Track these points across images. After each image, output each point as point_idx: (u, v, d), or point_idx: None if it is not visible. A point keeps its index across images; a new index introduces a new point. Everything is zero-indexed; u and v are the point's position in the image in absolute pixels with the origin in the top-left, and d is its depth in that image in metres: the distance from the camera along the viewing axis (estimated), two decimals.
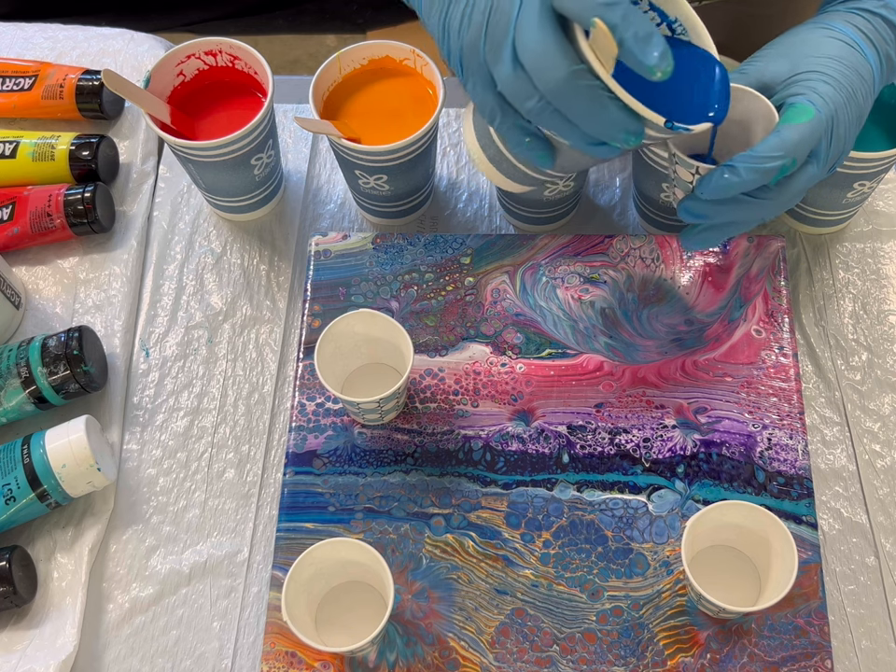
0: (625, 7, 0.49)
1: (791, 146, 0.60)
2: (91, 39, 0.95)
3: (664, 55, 0.49)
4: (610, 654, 0.66)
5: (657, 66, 0.49)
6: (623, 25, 0.49)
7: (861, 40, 0.64)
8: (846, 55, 0.63)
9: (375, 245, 0.81)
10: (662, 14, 0.56)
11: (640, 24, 0.49)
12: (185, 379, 0.79)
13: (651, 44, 0.49)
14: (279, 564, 0.69)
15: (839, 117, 0.62)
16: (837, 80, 0.62)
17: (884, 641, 0.68)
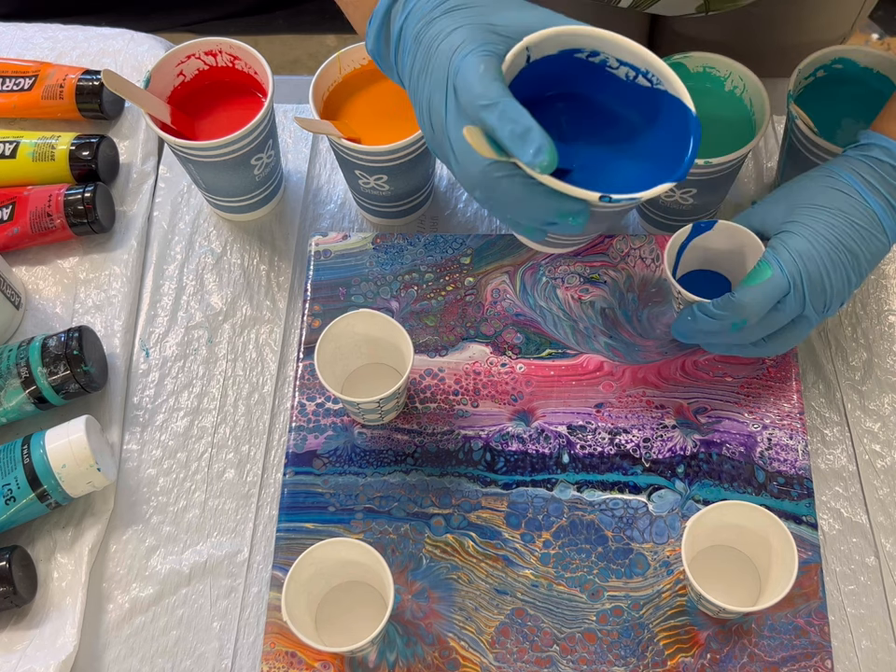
0: (502, 106, 0.49)
1: (738, 308, 0.65)
2: (91, 39, 0.95)
3: (538, 151, 0.48)
4: (610, 654, 0.66)
5: (532, 164, 0.49)
6: (499, 125, 0.49)
7: (862, 187, 0.65)
8: (839, 204, 0.65)
9: (375, 245, 0.81)
10: (634, 67, 0.55)
11: (517, 121, 0.49)
12: (185, 379, 0.79)
13: (527, 141, 0.49)
14: (279, 564, 0.69)
15: (814, 268, 0.64)
16: (817, 231, 0.64)
17: (884, 641, 0.68)
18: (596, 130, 0.57)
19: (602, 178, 0.56)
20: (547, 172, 0.49)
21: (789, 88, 0.74)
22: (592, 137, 0.55)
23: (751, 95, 0.75)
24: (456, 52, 0.52)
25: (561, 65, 0.54)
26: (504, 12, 0.54)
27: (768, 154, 0.86)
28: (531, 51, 0.53)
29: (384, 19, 0.57)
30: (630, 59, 0.54)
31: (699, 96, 0.77)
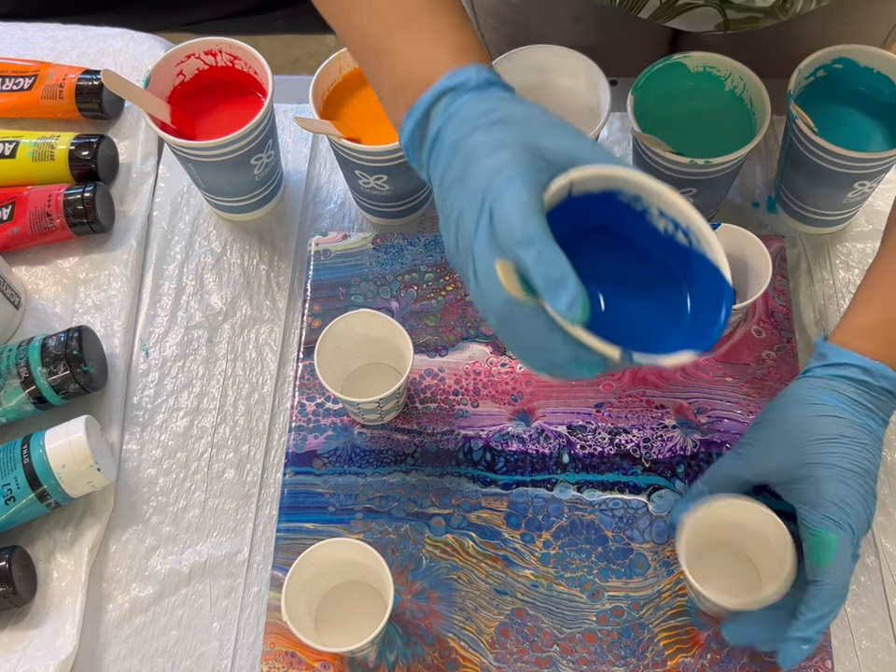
0: (539, 248, 0.46)
1: (838, 589, 0.60)
2: (91, 39, 0.95)
3: (573, 303, 0.45)
4: (611, 654, 0.66)
5: (565, 314, 0.46)
6: (535, 267, 0.46)
7: (852, 407, 0.63)
8: (841, 430, 0.62)
9: (375, 245, 0.81)
10: (674, 222, 0.52)
11: (553, 266, 0.46)
12: (185, 379, 0.79)
13: (562, 289, 0.45)
14: (279, 564, 0.69)
15: (858, 506, 0.61)
16: (841, 467, 0.61)
17: (884, 641, 0.68)
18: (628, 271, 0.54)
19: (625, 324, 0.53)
20: (576, 323, 0.46)
21: (789, 88, 0.74)
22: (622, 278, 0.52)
23: (751, 95, 0.75)
24: (499, 174, 0.49)
25: (602, 203, 0.51)
26: (551, 135, 0.51)
27: (768, 154, 0.86)
28: (574, 186, 0.51)
29: (423, 116, 0.54)
30: (672, 212, 0.52)
31: (699, 96, 0.77)
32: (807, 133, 0.72)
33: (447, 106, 0.53)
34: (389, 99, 0.57)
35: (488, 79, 0.53)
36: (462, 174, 0.51)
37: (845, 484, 0.61)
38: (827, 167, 0.73)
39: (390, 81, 0.56)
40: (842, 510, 0.61)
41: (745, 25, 0.77)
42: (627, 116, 0.74)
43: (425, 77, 0.54)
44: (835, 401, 0.63)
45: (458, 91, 0.53)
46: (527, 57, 0.76)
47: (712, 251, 0.51)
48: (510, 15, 0.95)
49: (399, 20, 0.55)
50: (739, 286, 0.76)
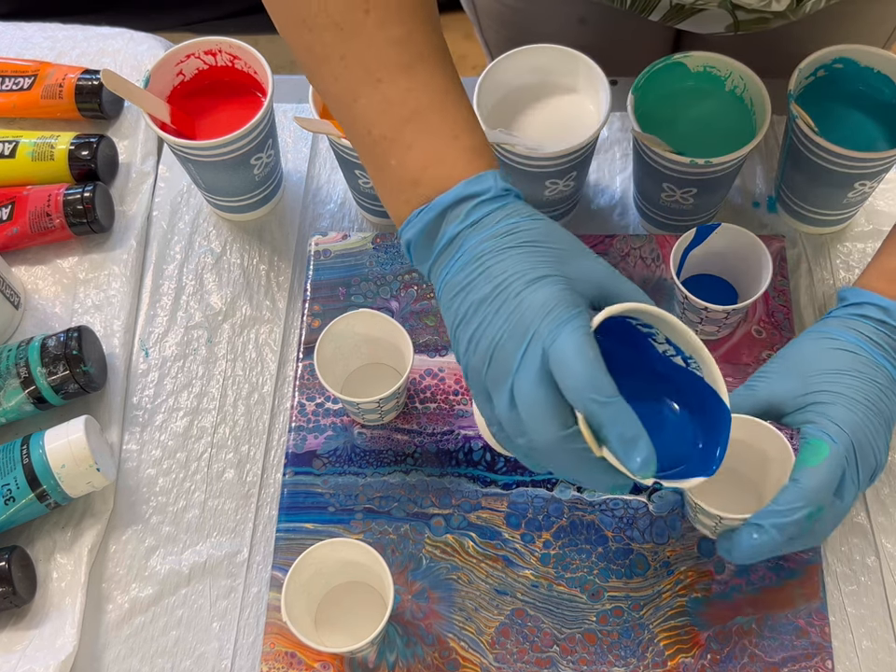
0: (616, 408, 0.49)
1: (812, 493, 0.58)
2: (91, 39, 0.95)
3: (646, 463, 0.49)
4: (611, 655, 0.66)
5: (637, 472, 0.49)
6: (610, 427, 0.49)
7: (868, 346, 0.62)
8: (854, 365, 0.61)
9: (375, 245, 0.80)
10: (677, 349, 0.55)
11: (627, 425, 0.49)
12: (184, 379, 0.79)
13: (636, 448, 0.49)
14: (279, 564, 0.69)
15: (860, 436, 0.59)
16: (849, 397, 0.60)
17: (885, 641, 0.68)
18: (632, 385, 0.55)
19: None
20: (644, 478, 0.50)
21: (789, 87, 0.74)
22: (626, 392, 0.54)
23: (751, 95, 0.75)
24: (550, 315, 0.50)
25: (610, 321, 0.53)
26: (575, 262, 0.53)
27: (768, 154, 0.86)
28: None
29: (437, 216, 0.55)
30: (678, 342, 0.55)
31: (699, 96, 0.77)
32: (807, 132, 0.72)
33: (468, 213, 0.54)
34: (394, 191, 0.57)
35: (504, 188, 0.55)
36: (492, 295, 0.52)
37: (851, 412, 0.59)
38: (827, 167, 0.73)
39: (398, 174, 0.56)
40: (842, 430, 0.59)
41: (755, 26, 0.77)
42: (627, 116, 0.74)
43: (441, 177, 0.55)
44: (852, 338, 0.62)
45: (480, 198, 0.54)
46: (527, 57, 0.76)
47: (712, 377, 0.55)
48: (512, 18, 0.95)
49: (412, 113, 0.55)
50: (739, 286, 0.76)
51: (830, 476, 0.58)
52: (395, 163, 0.56)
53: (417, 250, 0.56)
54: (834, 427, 0.59)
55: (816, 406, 0.61)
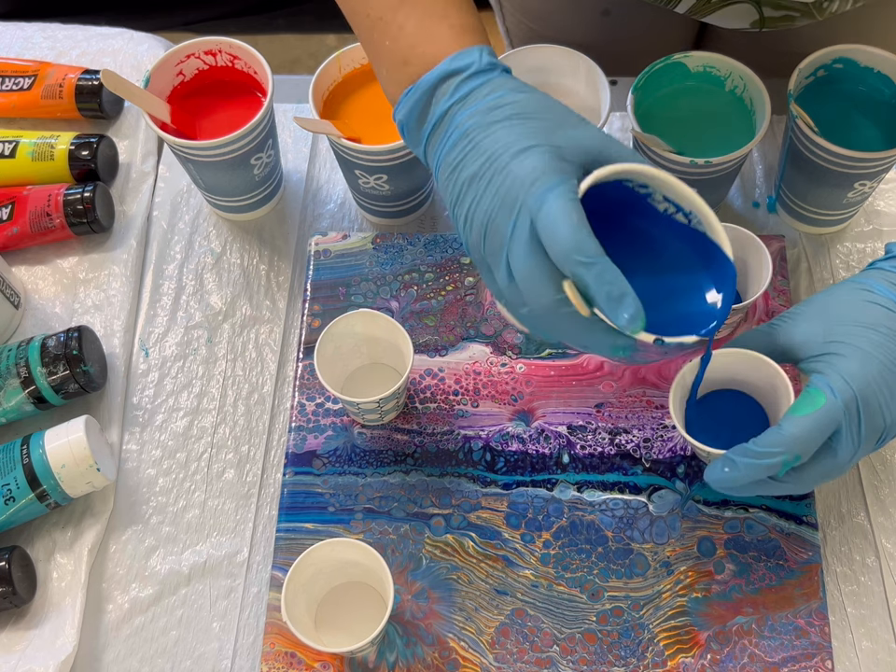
0: (600, 268, 0.49)
1: (790, 441, 0.57)
2: (91, 39, 0.95)
3: (634, 318, 0.49)
4: (610, 655, 0.66)
5: (625, 328, 0.50)
6: (596, 286, 0.50)
7: None
8: (884, 321, 0.58)
9: (375, 245, 0.80)
10: (677, 206, 0.55)
11: (614, 284, 0.49)
12: (184, 379, 0.79)
13: (623, 305, 0.49)
14: (279, 564, 0.69)
15: (869, 394, 0.57)
16: (868, 352, 0.58)
17: (884, 641, 0.68)
18: (635, 254, 0.56)
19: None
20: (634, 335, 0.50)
21: (789, 88, 0.74)
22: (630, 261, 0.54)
23: (751, 95, 0.75)
24: (536, 184, 0.51)
25: (607, 188, 0.54)
26: (565, 131, 0.53)
27: (768, 154, 0.86)
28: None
29: (425, 94, 0.55)
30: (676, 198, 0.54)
31: (699, 96, 0.77)
32: (807, 132, 0.72)
33: (455, 89, 0.55)
34: (388, 72, 0.58)
35: (490, 63, 0.55)
36: (483, 170, 0.53)
37: (864, 368, 0.57)
38: (827, 167, 0.73)
39: (391, 55, 0.57)
40: (847, 386, 0.57)
41: (781, 23, 0.77)
42: (627, 116, 0.74)
43: (428, 55, 0.56)
44: (889, 293, 0.60)
45: (465, 73, 0.55)
46: (528, 57, 0.76)
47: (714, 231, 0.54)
48: (536, 9, 0.95)
49: None
50: (740, 285, 0.76)
51: (816, 428, 0.57)
52: (389, 44, 0.57)
53: (410, 132, 0.57)
54: (841, 381, 0.57)
55: (830, 357, 0.59)
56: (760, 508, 0.70)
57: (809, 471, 0.59)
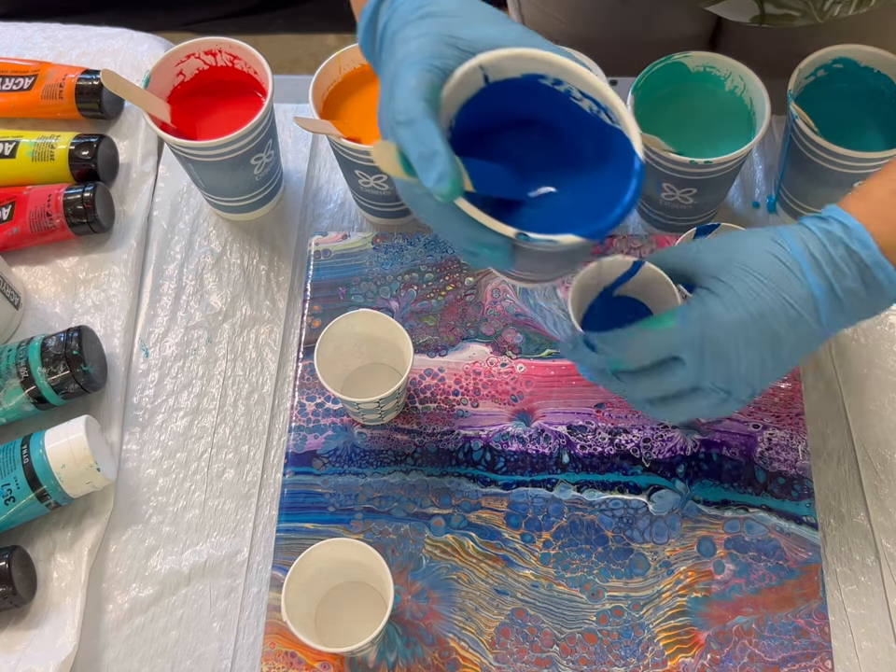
0: (416, 127, 0.48)
1: (617, 347, 0.58)
2: (91, 39, 0.95)
3: (440, 178, 0.47)
4: (610, 655, 0.66)
5: (433, 190, 0.47)
6: (410, 145, 0.48)
7: (808, 264, 0.56)
8: (773, 275, 0.56)
9: (375, 245, 0.81)
10: (596, 102, 0.52)
11: (426, 144, 0.48)
12: (184, 379, 0.79)
13: (431, 165, 0.47)
14: (279, 564, 0.69)
15: (718, 335, 0.56)
16: (739, 298, 0.56)
17: (884, 641, 0.68)
18: (560, 161, 0.55)
19: (558, 215, 0.54)
20: (447, 200, 0.48)
21: (789, 88, 0.74)
22: (554, 169, 0.53)
23: (751, 95, 0.75)
24: (403, 63, 0.51)
25: (526, 90, 0.52)
26: (474, 26, 0.52)
27: (768, 154, 0.86)
28: (488, 71, 0.51)
29: (373, 14, 0.56)
30: (590, 92, 0.52)
31: (699, 96, 0.77)
32: (807, 132, 0.72)
33: (391, 4, 0.55)
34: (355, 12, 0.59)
35: None
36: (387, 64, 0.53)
37: (725, 311, 0.56)
38: (827, 167, 0.73)
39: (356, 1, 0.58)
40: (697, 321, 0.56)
41: (781, 21, 0.77)
42: None
43: None
44: (795, 249, 0.57)
45: None
46: None
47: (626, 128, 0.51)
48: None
49: None
50: None
51: (646, 345, 0.57)
52: None
53: (371, 57, 0.58)
54: (697, 315, 0.56)
55: (706, 292, 0.58)
56: (760, 508, 0.70)
57: (640, 381, 0.59)
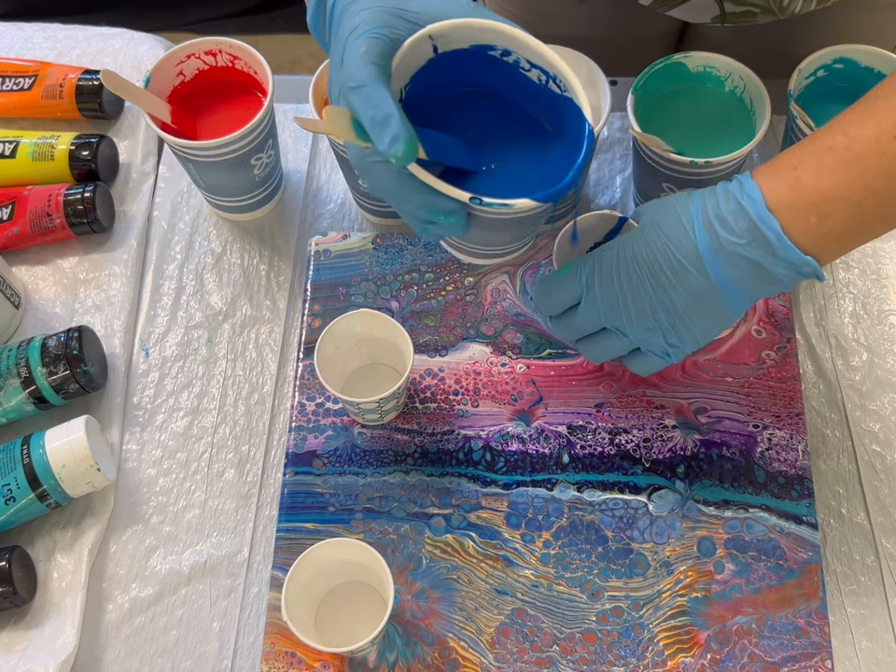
0: (367, 91, 0.48)
1: (538, 294, 0.66)
2: (91, 39, 0.95)
3: (394, 140, 0.47)
4: (610, 654, 0.66)
5: (387, 153, 0.48)
6: (362, 109, 0.48)
7: (699, 220, 0.58)
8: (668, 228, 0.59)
9: (375, 245, 0.81)
10: (544, 71, 0.53)
11: (379, 107, 0.48)
12: (185, 379, 0.79)
13: (385, 128, 0.47)
14: (279, 564, 0.69)
15: (607, 279, 0.61)
16: (629, 245, 0.60)
17: (884, 641, 0.68)
18: (511, 131, 0.55)
19: (511, 183, 0.54)
20: (402, 163, 0.48)
21: (789, 88, 0.74)
22: (507, 140, 0.53)
23: (751, 95, 0.75)
24: (352, 33, 0.51)
25: (475, 61, 0.52)
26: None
27: (768, 154, 0.86)
28: (437, 41, 0.52)
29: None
30: (539, 62, 0.52)
31: (699, 96, 0.77)
32: (807, 132, 0.72)
33: None
34: None
35: None
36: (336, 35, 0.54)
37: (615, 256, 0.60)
38: None
39: None
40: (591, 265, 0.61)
41: (742, 19, 0.78)
42: (627, 116, 0.74)
43: None
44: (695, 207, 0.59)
45: None
46: None
47: (576, 96, 0.52)
48: None
49: None
50: None
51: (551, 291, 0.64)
52: None
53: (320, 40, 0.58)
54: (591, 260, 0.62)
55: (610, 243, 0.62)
56: (760, 508, 0.70)
57: (558, 322, 0.66)
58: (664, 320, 0.61)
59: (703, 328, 0.61)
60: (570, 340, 0.67)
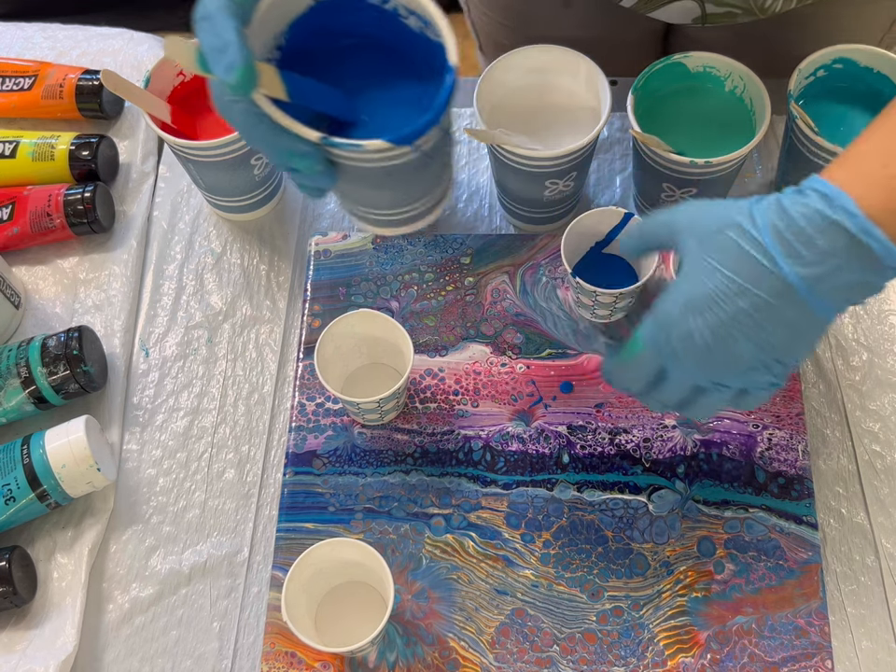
0: (211, 21, 0.48)
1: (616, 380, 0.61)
2: (91, 39, 0.95)
3: (229, 67, 0.47)
4: (610, 654, 0.66)
5: (223, 77, 0.47)
6: (204, 38, 0.48)
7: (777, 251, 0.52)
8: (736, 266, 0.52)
9: (375, 245, 0.81)
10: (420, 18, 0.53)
11: (219, 36, 0.48)
12: (185, 379, 0.79)
13: (222, 55, 0.47)
14: (279, 564, 0.69)
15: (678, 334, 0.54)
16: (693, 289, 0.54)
17: (884, 641, 0.68)
18: (392, 81, 0.55)
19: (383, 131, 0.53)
20: (238, 92, 0.48)
21: (789, 88, 0.74)
22: (386, 89, 0.54)
23: (751, 95, 0.75)
24: None
25: (355, 10, 0.52)
26: None
27: (768, 154, 0.86)
28: None
29: None
30: (414, 7, 0.52)
31: (699, 96, 0.77)
32: (807, 132, 0.72)
33: None
34: None
35: None
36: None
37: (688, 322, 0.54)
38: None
39: None
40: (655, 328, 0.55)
41: (722, 20, 0.78)
42: (627, 116, 0.74)
43: None
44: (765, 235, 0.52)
45: None
46: (528, 57, 0.76)
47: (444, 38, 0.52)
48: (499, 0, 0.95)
49: None
50: None
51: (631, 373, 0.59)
52: None
53: None
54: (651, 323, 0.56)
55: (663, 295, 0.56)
56: (760, 508, 0.70)
57: (649, 398, 0.60)
58: (764, 358, 0.55)
59: (805, 348, 0.56)
60: (668, 410, 0.61)
